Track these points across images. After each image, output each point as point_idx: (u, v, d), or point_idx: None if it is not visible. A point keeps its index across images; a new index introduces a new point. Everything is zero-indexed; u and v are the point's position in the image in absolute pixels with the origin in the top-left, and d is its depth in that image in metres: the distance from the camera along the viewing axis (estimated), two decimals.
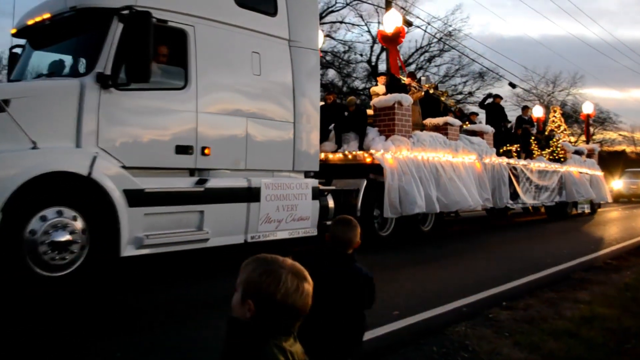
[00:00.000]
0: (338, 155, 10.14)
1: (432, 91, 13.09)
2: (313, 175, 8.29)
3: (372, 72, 29.15)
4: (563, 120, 21.35)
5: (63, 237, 5.30)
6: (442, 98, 13.47)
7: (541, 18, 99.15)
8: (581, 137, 27.52)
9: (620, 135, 48.52)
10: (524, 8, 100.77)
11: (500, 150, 13.75)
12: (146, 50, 5.82)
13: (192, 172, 6.68)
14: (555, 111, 21.77)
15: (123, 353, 3.96)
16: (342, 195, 9.12)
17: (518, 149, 14.57)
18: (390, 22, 11.37)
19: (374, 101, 10.71)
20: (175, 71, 6.62)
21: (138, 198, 5.84)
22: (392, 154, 9.75)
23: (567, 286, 6.58)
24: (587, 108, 23.46)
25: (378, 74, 15.60)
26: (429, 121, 11.93)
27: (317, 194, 8.07)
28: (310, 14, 8.45)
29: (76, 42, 6.66)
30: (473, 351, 4.14)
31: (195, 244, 6.44)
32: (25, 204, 5.11)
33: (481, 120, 15.17)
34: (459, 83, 33.74)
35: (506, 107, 17.65)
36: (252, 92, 7.32)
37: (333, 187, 8.94)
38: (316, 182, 8.13)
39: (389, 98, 10.33)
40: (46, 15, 6.53)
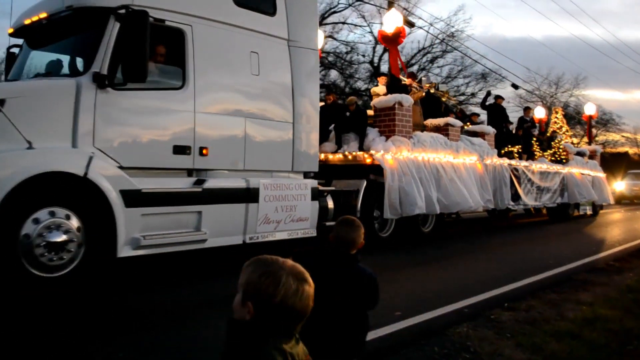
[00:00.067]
0: (338, 155, 10.09)
1: (433, 91, 13.04)
2: (313, 175, 8.23)
3: (375, 73, 29.05)
4: (565, 121, 21.29)
5: (59, 238, 5.26)
6: (443, 99, 13.42)
7: (544, 19, 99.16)
8: (584, 139, 27.40)
9: (623, 136, 48.45)
10: (527, 9, 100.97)
11: (501, 151, 13.68)
12: (143, 49, 5.79)
13: (190, 173, 6.64)
14: (557, 112, 21.71)
15: (125, 353, 3.95)
16: (342, 196, 9.06)
17: (519, 150, 14.51)
18: (390, 22, 11.32)
19: (374, 101, 10.67)
20: (172, 71, 6.58)
21: (135, 198, 5.80)
22: (393, 155, 9.70)
23: (569, 287, 6.55)
24: (590, 109, 23.41)
25: (379, 75, 15.54)
26: (430, 122, 11.88)
27: (317, 195, 8.01)
28: (309, 14, 8.41)
29: (73, 42, 6.63)
30: (474, 352, 4.12)
31: (193, 245, 6.39)
32: (20, 205, 5.07)
33: (483, 120, 15.11)
34: (462, 84, 33.68)
35: (509, 109, 17.61)
36: (251, 92, 7.27)
37: (333, 188, 8.89)
38: (315, 183, 8.08)
39: (389, 98, 10.28)
40: (43, 14, 6.49)
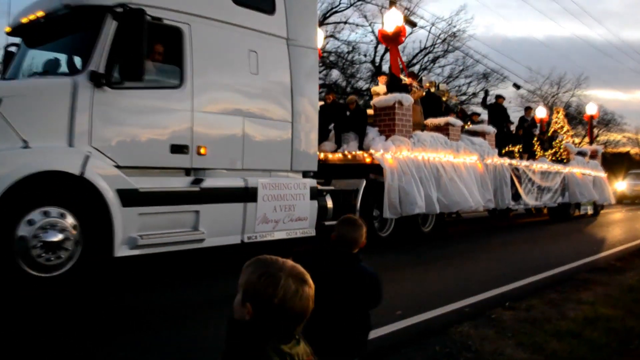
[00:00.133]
0: (337, 155, 10.05)
1: (433, 90, 12.99)
2: (312, 175, 8.19)
3: (376, 73, 28.94)
4: (566, 121, 21.28)
5: (55, 238, 5.23)
6: (444, 98, 13.37)
7: (546, 19, 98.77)
8: (585, 139, 27.36)
9: (624, 136, 48.44)
10: (529, 9, 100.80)
11: (502, 151, 13.63)
12: (140, 48, 5.76)
13: (188, 172, 6.59)
14: (558, 112, 21.69)
15: (126, 352, 3.93)
16: (342, 195, 9.02)
17: (520, 150, 14.46)
18: (390, 21, 11.31)
19: (374, 101, 10.63)
20: (170, 70, 6.54)
21: (132, 198, 5.76)
22: (392, 154, 9.65)
23: (570, 287, 6.51)
24: (591, 109, 23.40)
25: (377, 74, 15.51)
26: (430, 121, 11.82)
27: (316, 194, 7.97)
28: (309, 13, 8.36)
29: (70, 40, 6.58)
30: (475, 351, 4.10)
31: (190, 245, 6.35)
32: (16, 204, 5.03)
33: (483, 120, 15.06)
34: (463, 84, 33.59)
35: (510, 109, 17.55)
36: (249, 91, 7.23)
37: (332, 187, 8.85)
38: (314, 182, 8.04)
39: (389, 98, 10.24)
40: (40, 13, 6.47)
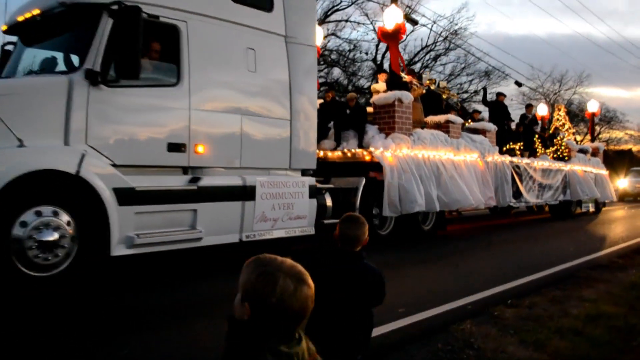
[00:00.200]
0: (337, 153, 10.00)
1: (433, 87, 12.93)
2: (311, 173, 8.13)
3: (378, 71, 28.89)
4: (568, 118, 21.17)
5: (50, 237, 5.19)
6: (444, 95, 13.31)
7: (548, 16, 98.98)
8: (587, 136, 27.28)
9: (626, 134, 48.33)
10: (531, 6, 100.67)
11: (503, 148, 13.56)
12: (136, 46, 5.70)
13: (185, 171, 6.54)
14: (559, 109, 21.59)
15: (129, 351, 3.90)
16: (341, 193, 8.95)
17: (521, 147, 14.39)
18: (390, 19, 11.23)
19: (374, 98, 10.56)
20: (167, 67, 6.49)
21: (129, 196, 5.72)
22: (392, 152, 9.60)
23: (573, 284, 6.48)
24: (592, 106, 23.32)
25: (379, 72, 15.46)
26: (430, 119, 11.76)
27: (315, 193, 7.91)
28: (307, 10, 8.29)
29: (66, 39, 6.54)
30: (478, 349, 4.08)
31: (188, 243, 6.31)
32: (10, 203, 4.99)
33: (484, 117, 14.99)
34: (465, 82, 33.58)
35: (512, 106, 17.48)
36: (247, 89, 7.18)
37: (331, 186, 8.79)
38: (313, 181, 7.98)
39: (389, 95, 10.18)
40: (36, 11, 6.42)
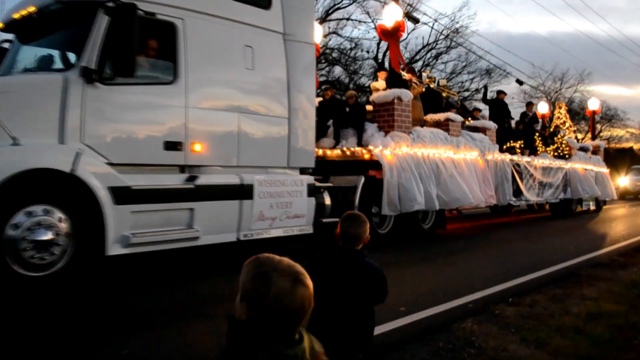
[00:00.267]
0: (336, 151, 9.95)
1: (433, 86, 12.87)
2: (310, 172, 8.08)
3: (379, 69, 28.85)
4: (568, 116, 21.13)
5: (45, 236, 5.13)
6: (444, 94, 13.25)
7: (549, 15, 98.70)
8: (588, 134, 27.21)
9: (627, 132, 48.26)
10: (532, 5, 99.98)
11: (503, 146, 13.51)
12: (132, 43, 5.65)
13: (182, 169, 6.49)
14: (560, 108, 21.55)
15: (129, 351, 3.89)
16: (340, 192, 8.90)
17: (522, 145, 14.34)
18: (389, 16, 11.17)
19: (374, 96, 10.51)
20: (164, 65, 6.44)
21: (124, 195, 5.67)
22: (391, 150, 9.55)
23: (574, 283, 6.45)
24: (593, 104, 23.24)
25: (378, 70, 15.40)
26: (430, 117, 11.71)
27: (313, 191, 7.86)
28: (306, 7, 8.24)
29: (62, 36, 6.49)
30: (479, 347, 4.07)
31: (185, 242, 6.25)
32: (4, 203, 4.94)
33: (484, 116, 14.94)
34: (466, 80, 33.52)
35: (513, 104, 17.43)
36: (245, 87, 7.13)
37: (330, 184, 8.74)
38: (312, 179, 7.92)
39: (389, 93, 10.13)
40: (32, 8, 6.37)
